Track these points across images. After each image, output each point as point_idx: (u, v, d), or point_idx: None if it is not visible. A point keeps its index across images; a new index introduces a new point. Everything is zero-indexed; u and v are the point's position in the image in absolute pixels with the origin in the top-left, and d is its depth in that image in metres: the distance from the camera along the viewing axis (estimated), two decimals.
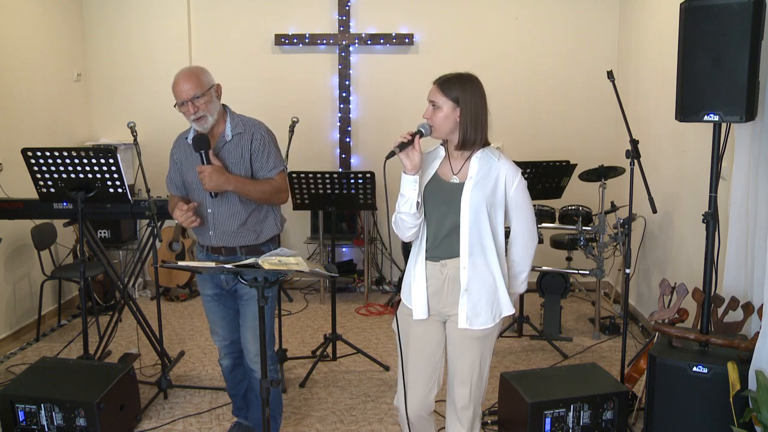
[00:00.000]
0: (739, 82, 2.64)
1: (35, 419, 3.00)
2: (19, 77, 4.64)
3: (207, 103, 2.68)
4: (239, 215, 2.78)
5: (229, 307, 2.94)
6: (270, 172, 2.80)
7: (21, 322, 4.64)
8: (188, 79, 2.65)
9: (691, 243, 3.97)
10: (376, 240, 5.72)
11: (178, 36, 5.54)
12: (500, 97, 5.46)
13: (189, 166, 2.81)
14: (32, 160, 3.20)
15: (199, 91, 2.65)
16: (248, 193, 2.73)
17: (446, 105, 2.29)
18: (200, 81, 2.67)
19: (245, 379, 3.07)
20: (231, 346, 3.01)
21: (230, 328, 2.97)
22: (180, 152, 2.87)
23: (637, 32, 5.07)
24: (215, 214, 2.79)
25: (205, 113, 2.68)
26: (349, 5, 5.53)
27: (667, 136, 4.39)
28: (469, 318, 2.35)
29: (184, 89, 2.65)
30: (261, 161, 2.78)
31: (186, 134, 2.86)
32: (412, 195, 2.28)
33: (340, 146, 5.69)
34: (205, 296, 2.95)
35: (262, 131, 2.80)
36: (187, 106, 2.66)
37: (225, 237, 2.81)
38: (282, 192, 2.85)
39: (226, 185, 2.68)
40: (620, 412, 3.04)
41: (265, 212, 2.87)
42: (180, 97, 2.67)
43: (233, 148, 2.77)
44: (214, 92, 2.74)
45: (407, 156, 2.25)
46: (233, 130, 2.77)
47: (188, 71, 2.70)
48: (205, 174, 2.65)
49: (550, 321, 4.57)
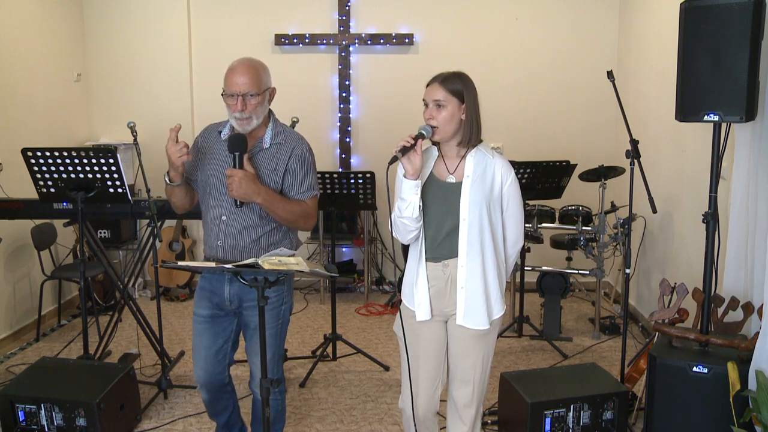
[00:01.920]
0: (739, 82, 2.64)
1: (35, 419, 3.00)
2: (19, 77, 4.64)
3: (257, 105, 2.44)
4: (254, 230, 2.52)
5: (219, 334, 2.61)
6: (303, 194, 2.54)
7: (21, 322, 4.64)
8: (247, 73, 2.42)
9: (691, 243, 3.97)
10: (376, 240, 5.72)
11: (178, 36, 5.54)
12: (500, 97, 5.46)
13: (213, 161, 2.55)
14: (32, 160, 3.20)
15: (255, 90, 2.42)
16: (275, 210, 2.46)
17: (451, 103, 2.29)
18: (260, 79, 2.45)
19: (227, 409, 2.81)
20: (209, 379, 2.65)
21: (214, 361, 2.62)
22: (208, 144, 2.58)
23: (637, 32, 5.07)
24: (229, 223, 2.52)
25: (251, 115, 2.43)
26: (349, 5, 5.53)
27: (667, 136, 4.39)
28: (466, 316, 2.36)
29: (240, 82, 2.40)
30: (295, 179, 2.52)
31: (220, 127, 2.59)
32: (414, 199, 2.27)
33: (340, 146, 5.69)
34: (197, 317, 2.61)
35: (304, 148, 2.55)
36: (237, 100, 2.40)
37: (234, 251, 2.52)
38: (310, 218, 2.58)
39: (255, 196, 2.39)
40: (620, 412, 3.04)
41: (284, 233, 2.59)
42: (232, 88, 2.41)
43: (269, 158, 2.50)
44: (268, 95, 2.52)
45: (409, 160, 2.24)
46: (273, 138, 2.52)
47: (250, 63, 2.47)
48: (235, 179, 2.36)
49: (550, 321, 4.57)
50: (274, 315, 2.58)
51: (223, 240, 2.53)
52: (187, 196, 2.63)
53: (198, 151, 2.61)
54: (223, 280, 2.55)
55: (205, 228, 2.64)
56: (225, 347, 2.66)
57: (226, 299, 2.57)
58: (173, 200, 2.64)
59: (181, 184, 2.54)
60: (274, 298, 2.56)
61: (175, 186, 2.53)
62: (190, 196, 2.65)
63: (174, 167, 2.45)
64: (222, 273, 2.54)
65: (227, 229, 2.52)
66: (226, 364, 2.71)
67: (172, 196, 2.62)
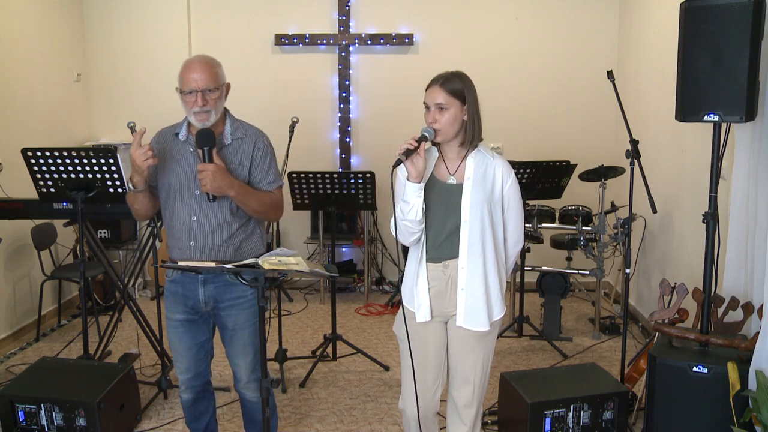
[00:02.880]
0: (739, 82, 2.64)
1: (35, 419, 3.00)
2: (19, 77, 4.64)
3: (216, 100, 2.44)
4: (227, 227, 2.51)
5: (198, 335, 2.62)
6: (270, 185, 2.57)
7: (21, 322, 4.64)
8: (204, 69, 2.42)
9: (691, 243, 3.97)
10: (376, 240, 5.72)
11: (178, 36, 5.54)
12: (500, 97, 5.46)
13: (176, 165, 2.52)
14: (32, 160, 3.20)
15: (213, 85, 2.42)
16: (248, 202, 2.47)
17: (453, 104, 2.28)
18: (216, 74, 2.44)
19: (207, 413, 2.82)
20: (194, 380, 2.67)
21: (196, 360, 2.64)
22: (165, 147, 2.56)
23: (637, 32, 5.07)
24: (200, 222, 2.49)
25: (211, 109, 2.43)
26: (349, 5, 5.53)
27: (667, 136, 4.39)
28: (466, 317, 2.36)
29: (198, 78, 2.40)
30: (261, 172, 2.55)
31: (175, 129, 2.57)
32: (417, 202, 2.27)
33: (340, 146, 5.69)
34: (172, 320, 2.61)
35: (265, 140, 2.59)
36: (196, 96, 2.40)
37: (207, 251, 2.50)
38: (278, 209, 2.62)
39: (229, 189, 2.40)
40: (620, 412, 3.04)
41: (253, 228, 2.60)
42: (190, 85, 2.41)
43: (232, 154, 2.51)
44: (225, 90, 2.52)
45: (412, 163, 2.23)
46: (233, 134, 2.53)
47: (206, 61, 2.47)
48: (208, 173, 2.35)
49: (550, 321, 4.57)
50: (251, 313, 2.58)
51: (195, 240, 2.51)
52: (150, 202, 2.60)
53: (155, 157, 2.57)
54: (197, 282, 2.54)
55: (171, 232, 2.60)
56: (205, 346, 2.68)
57: (201, 301, 2.55)
58: (136, 207, 2.60)
59: (145, 190, 2.52)
60: (251, 295, 2.55)
61: (139, 192, 2.51)
62: (152, 202, 2.62)
63: (139, 171, 2.43)
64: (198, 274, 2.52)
65: (198, 229, 2.50)
66: (209, 361, 2.73)
67: (134, 203, 2.58)
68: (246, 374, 2.64)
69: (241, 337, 2.59)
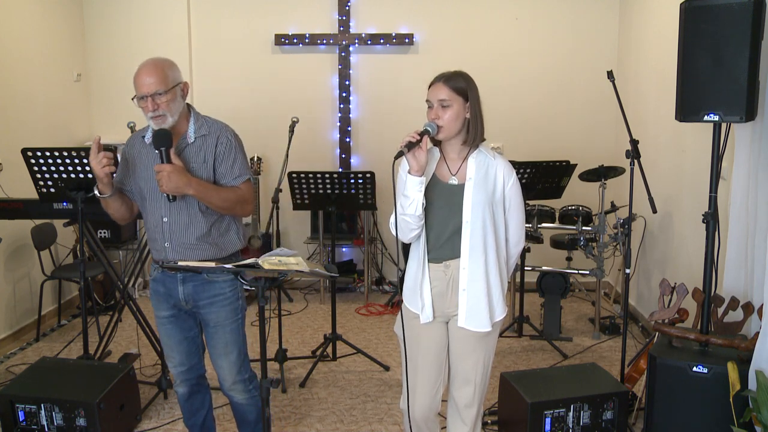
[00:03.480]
0: (739, 82, 2.64)
1: (35, 419, 3.00)
2: (19, 77, 4.64)
3: (169, 102, 2.42)
4: (199, 226, 2.50)
5: (186, 329, 2.64)
6: (235, 179, 2.53)
7: (21, 322, 4.64)
8: (152, 73, 2.42)
9: (691, 243, 3.97)
10: (376, 240, 5.72)
11: (178, 36, 5.54)
12: (500, 97, 5.46)
13: (144, 168, 2.53)
14: (32, 160, 3.20)
15: (161, 88, 2.40)
16: (210, 199, 2.45)
17: (456, 101, 2.29)
18: (165, 76, 2.43)
19: (203, 408, 2.82)
20: (188, 373, 2.69)
21: (188, 353, 2.66)
22: (134, 152, 2.58)
23: (637, 32, 5.07)
24: (171, 223, 2.50)
25: (165, 112, 2.41)
26: (349, 5, 5.53)
27: (667, 136, 4.39)
28: (468, 318, 2.35)
29: (146, 83, 2.40)
30: (225, 167, 2.52)
31: (143, 133, 2.59)
32: (418, 197, 2.27)
33: (340, 146, 5.69)
34: (160, 318, 2.63)
35: (229, 135, 2.54)
36: (147, 101, 2.40)
37: (183, 250, 2.51)
38: (246, 203, 2.57)
39: (187, 188, 2.38)
40: (620, 412, 3.04)
41: (227, 224, 2.59)
42: (140, 90, 2.42)
43: (195, 151, 2.50)
44: (180, 91, 2.49)
45: (414, 156, 2.23)
46: (197, 132, 2.51)
47: (153, 64, 2.46)
48: (164, 174, 2.36)
49: (550, 321, 4.57)
50: (231, 310, 2.57)
51: (170, 241, 2.52)
52: (124, 206, 2.61)
53: (127, 161, 2.61)
54: (176, 280, 2.54)
55: (148, 233, 2.62)
56: (197, 339, 2.69)
57: (181, 299, 2.57)
58: (110, 212, 2.61)
59: (113, 195, 2.52)
60: (229, 292, 2.55)
61: (107, 198, 2.51)
62: (127, 206, 2.63)
63: (99, 180, 2.45)
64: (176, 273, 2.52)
65: (171, 229, 2.52)
66: (201, 354, 2.73)
67: (108, 209, 2.60)
68: (231, 375, 2.62)
69: (222, 335, 2.58)
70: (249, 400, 2.69)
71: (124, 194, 2.62)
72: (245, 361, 2.67)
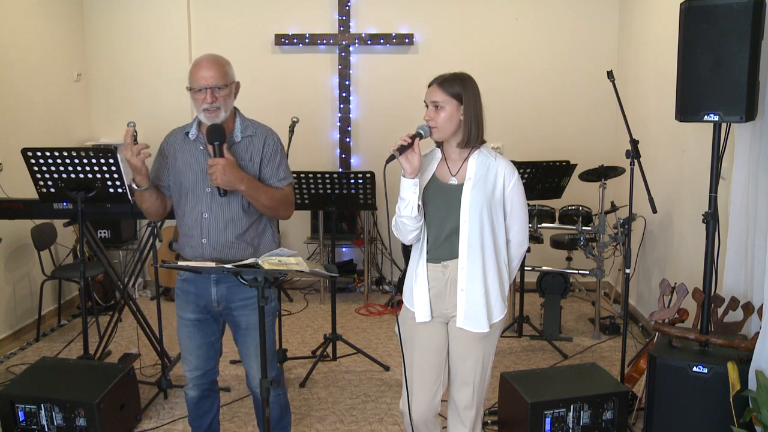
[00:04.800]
0: (739, 82, 2.64)
1: (35, 419, 3.00)
2: (19, 77, 4.64)
3: (225, 97, 2.47)
4: (238, 224, 2.53)
5: (209, 334, 2.64)
6: (280, 181, 2.59)
7: (21, 322, 4.64)
8: (213, 66, 2.45)
9: (691, 243, 3.97)
10: (376, 240, 5.72)
11: (178, 36, 5.55)
12: (500, 97, 5.46)
13: (187, 163, 2.55)
14: (32, 160, 3.20)
15: (221, 82, 2.44)
16: (258, 197, 2.49)
17: (449, 104, 2.29)
18: (225, 72, 2.47)
19: (210, 412, 2.81)
20: (202, 377, 2.69)
21: (205, 358, 2.66)
22: (176, 147, 2.59)
23: (637, 32, 5.07)
24: (212, 219, 2.52)
25: (220, 106, 2.45)
26: (349, 5, 5.53)
27: (667, 136, 4.39)
28: (466, 318, 2.35)
29: (207, 75, 2.43)
30: (271, 168, 2.57)
31: (186, 129, 2.60)
32: (413, 198, 2.27)
33: (340, 146, 5.69)
34: (183, 320, 2.62)
35: (276, 138, 2.61)
36: (205, 93, 2.43)
37: (220, 248, 2.52)
38: (290, 205, 2.63)
39: (239, 183, 2.42)
40: (620, 412, 3.04)
41: (264, 225, 2.63)
42: (199, 82, 2.43)
43: (242, 151, 2.54)
44: (234, 89, 2.54)
45: (407, 159, 2.24)
46: (243, 132, 2.56)
47: (215, 58, 2.50)
48: (218, 167, 2.38)
49: (550, 321, 4.57)
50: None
51: (207, 238, 2.53)
52: (158, 200, 2.62)
53: (165, 156, 2.62)
54: (209, 282, 2.54)
55: (183, 230, 2.61)
56: (215, 345, 2.69)
57: (214, 301, 2.56)
58: (144, 206, 2.61)
59: (150, 188, 2.54)
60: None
61: (144, 190, 2.52)
62: (161, 201, 2.63)
63: (137, 170, 2.46)
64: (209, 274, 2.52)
65: (210, 226, 2.52)
66: (218, 359, 2.74)
67: (143, 203, 2.60)
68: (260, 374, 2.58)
69: (254, 338, 2.57)
70: (273, 398, 2.71)
71: (159, 190, 2.62)
72: (273, 361, 2.69)
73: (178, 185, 2.59)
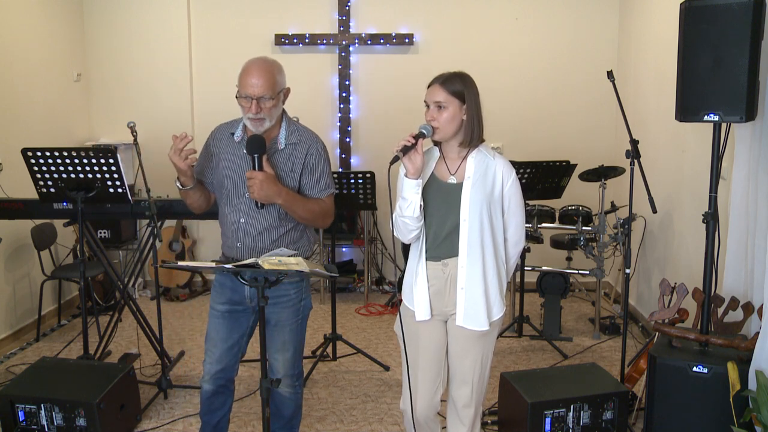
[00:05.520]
0: (739, 82, 2.64)
1: (35, 419, 3.00)
2: (19, 77, 4.63)
3: (272, 108, 2.42)
4: (274, 231, 2.54)
5: (236, 329, 2.64)
6: (320, 192, 2.56)
7: (21, 322, 4.64)
8: (262, 75, 2.38)
9: (691, 243, 3.97)
10: (376, 240, 5.72)
11: (178, 36, 5.54)
12: (500, 97, 5.47)
13: (230, 164, 2.54)
14: (32, 160, 3.20)
15: (268, 93, 2.38)
16: (296, 210, 2.48)
17: (452, 104, 2.29)
18: (274, 82, 2.40)
19: (222, 409, 2.80)
20: (221, 372, 2.68)
21: (228, 354, 2.66)
22: (221, 146, 2.58)
23: (637, 32, 5.07)
24: (248, 225, 2.53)
25: (265, 117, 2.42)
26: (349, 5, 5.53)
27: (667, 136, 4.39)
28: (466, 317, 2.36)
29: (255, 84, 2.37)
30: (313, 178, 2.53)
31: (233, 128, 2.58)
32: (415, 199, 2.27)
33: (340, 146, 5.69)
34: (214, 310, 2.64)
35: (319, 147, 2.55)
36: (251, 102, 2.38)
37: (254, 253, 2.50)
38: (328, 216, 2.61)
39: (277, 198, 2.41)
40: (620, 412, 3.04)
41: (302, 232, 2.62)
42: (246, 90, 2.39)
43: (284, 159, 2.51)
44: (283, 96, 2.49)
45: (410, 160, 2.24)
46: (287, 138, 2.51)
47: (265, 65, 2.42)
48: (256, 181, 2.37)
49: (550, 321, 4.57)
50: (293, 311, 2.62)
51: (242, 242, 2.55)
52: (203, 197, 2.64)
53: (210, 152, 2.62)
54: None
55: (223, 228, 2.64)
56: (240, 342, 2.69)
57: (247, 296, 2.58)
58: (189, 202, 2.64)
59: (194, 187, 2.55)
60: (294, 293, 2.60)
61: (188, 189, 2.55)
62: (205, 196, 2.66)
63: (182, 173, 2.48)
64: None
65: (246, 231, 2.54)
66: (239, 358, 2.74)
67: (186, 199, 2.63)
68: (283, 369, 2.66)
69: (281, 334, 2.62)
70: (291, 395, 2.73)
71: (203, 185, 2.64)
72: (299, 359, 2.72)
73: (219, 184, 2.60)
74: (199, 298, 5.52)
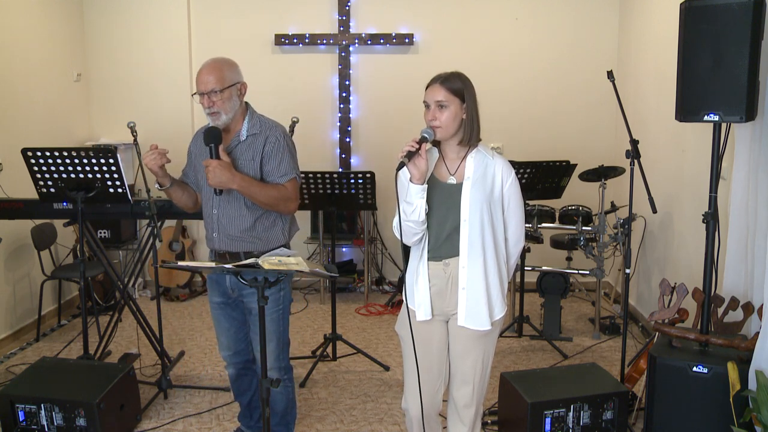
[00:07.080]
0: (739, 82, 2.64)
1: (35, 419, 3.00)
2: (19, 77, 4.63)
3: (224, 101, 2.59)
4: (244, 219, 2.68)
5: (234, 317, 2.84)
6: (281, 178, 2.67)
7: (21, 322, 4.64)
8: (211, 72, 2.58)
9: (691, 243, 3.97)
10: (376, 240, 5.72)
11: (178, 36, 5.55)
12: (500, 97, 5.46)
13: (201, 163, 2.71)
14: (32, 160, 3.20)
15: (218, 87, 2.57)
16: (253, 194, 2.60)
17: (453, 102, 2.30)
18: (222, 76, 2.58)
19: (249, 389, 3.01)
20: (235, 357, 2.91)
21: (235, 339, 2.88)
22: (196, 146, 2.80)
23: (637, 32, 5.07)
24: (220, 215, 2.71)
25: (219, 110, 2.59)
26: (349, 5, 5.53)
27: (667, 136, 4.39)
28: (468, 317, 2.36)
29: (204, 80, 2.57)
30: (272, 165, 2.66)
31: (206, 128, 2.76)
32: (420, 203, 2.28)
33: (340, 146, 5.69)
34: (212, 303, 2.87)
35: (278, 134, 2.69)
36: (203, 98, 2.59)
37: (229, 241, 2.71)
38: (290, 201, 2.70)
39: (231, 183, 2.55)
40: (620, 412, 3.04)
41: (273, 219, 2.74)
42: (198, 87, 2.60)
43: (245, 149, 2.67)
44: (236, 90, 2.64)
45: (415, 165, 2.25)
46: (249, 130, 2.68)
47: (214, 63, 2.62)
48: (210, 168, 2.54)
49: (550, 321, 4.57)
50: (273, 300, 2.68)
51: (217, 232, 2.74)
52: (185, 195, 2.84)
53: (190, 156, 2.85)
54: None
55: (204, 223, 2.84)
56: (243, 327, 2.87)
57: (229, 288, 2.76)
58: (174, 201, 2.86)
59: (172, 187, 2.75)
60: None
61: (167, 189, 2.75)
62: (188, 195, 2.88)
63: (155, 173, 2.67)
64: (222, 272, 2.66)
65: (219, 221, 2.72)
66: (249, 341, 2.88)
67: (171, 198, 2.84)
68: (268, 361, 2.70)
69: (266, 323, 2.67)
70: (280, 389, 2.79)
71: (186, 185, 2.86)
72: (284, 350, 2.84)
73: (196, 182, 2.84)
74: (199, 298, 5.52)
